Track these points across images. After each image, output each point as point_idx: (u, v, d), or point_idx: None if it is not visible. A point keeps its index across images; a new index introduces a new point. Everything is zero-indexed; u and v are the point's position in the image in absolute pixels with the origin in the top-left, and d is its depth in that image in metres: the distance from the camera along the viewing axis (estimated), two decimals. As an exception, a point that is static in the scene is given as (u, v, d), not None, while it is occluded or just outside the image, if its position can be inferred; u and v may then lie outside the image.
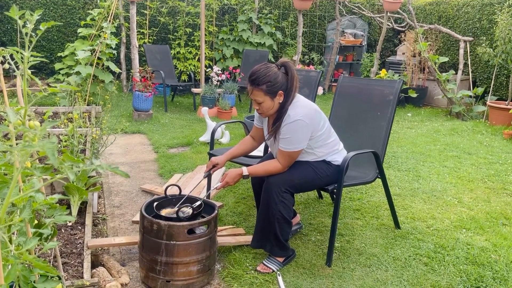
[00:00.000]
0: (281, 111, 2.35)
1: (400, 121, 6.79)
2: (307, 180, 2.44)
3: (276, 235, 2.38)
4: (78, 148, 3.11)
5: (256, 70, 2.32)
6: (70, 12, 8.26)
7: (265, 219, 2.39)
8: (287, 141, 2.33)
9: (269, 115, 2.41)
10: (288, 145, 2.33)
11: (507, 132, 5.72)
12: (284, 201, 2.34)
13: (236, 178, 2.40)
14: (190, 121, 6.25)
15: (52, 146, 0.84)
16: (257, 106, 2.37)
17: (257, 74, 2.30)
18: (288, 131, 2.31)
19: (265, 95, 2.30)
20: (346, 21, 9.80)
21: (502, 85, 7.45)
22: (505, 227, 3.03)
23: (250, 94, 2.35)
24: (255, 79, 2.30)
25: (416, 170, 4.20)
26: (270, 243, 2.42)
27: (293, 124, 2.30)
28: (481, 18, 7.81)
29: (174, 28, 8.71)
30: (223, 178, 2.41)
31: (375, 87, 3.04)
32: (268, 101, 2.32)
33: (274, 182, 2.35)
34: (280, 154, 2.38)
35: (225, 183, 2.40)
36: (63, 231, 2.69)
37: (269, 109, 2.35)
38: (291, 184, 2.37)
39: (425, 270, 2.45)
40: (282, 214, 2.34)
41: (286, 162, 2.38)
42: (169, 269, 2.15)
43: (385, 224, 3.01)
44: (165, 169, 4.04)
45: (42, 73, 8.33)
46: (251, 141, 2.73)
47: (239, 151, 2.70)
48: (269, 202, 2.34)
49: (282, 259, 2.44)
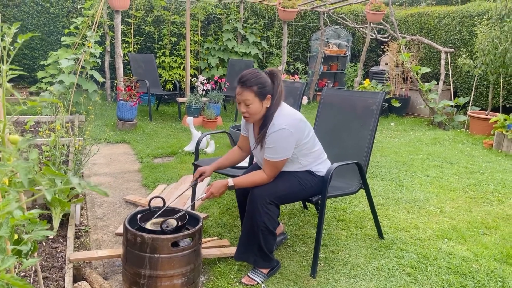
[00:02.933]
0: (267, 116, 2.38)
1: (384, 130, 6.87)
2: (292, 191, 2.45)
3: (260, 246, 2.38)
4: (60, 159, 3.06)
5: (247, 73, 2.36)
6: (53, 20, 8.19)
7: (249, 231, 2.39)
8: (272, 151, 2.34)
9: (255, 120, 2.42)
10: (273, 155, 2.34)
11: (487, 141, 5.84)
12: (269, 212, 2.34)
13: (221, 189, 2.39)
14: (175, 130, 6.22)
15: (26, 166, 0.83)
16: (245, 109, 2.37)
17: (248, 76, 2.34)
18: (273, 141, 2.33)
19: (255, 96, 2.33)
20: (330, 32, 9.92)
21: (482, 95, 7.62)
22: (485, 237, 3.08)
23: (240, 95, 2.35)
24: (246, 80, 2.33)
25: (399, 180, 4.25)
26: (254, 254, 2.41)
27: (277, 133, 2.31)
28: (461, 30, 8.00)
29: (159, 37, 8.70)
30: (208, 189, 2.40)
31: (358, 98, 3.08)
32: (257, 103, 2.34)
33: (259, 194, 2.35)
34: (266, 164, 2.38)
35: (210, 194, 2.39)
36: (44, 244, 2.64)
37: (256, 112, 2.36)
38: (276, 195, 2.37)
39: (408, 280, 2.48)
40: (267, 225, 2.34)
41: (272, 172, 2.38)
42: (153, 282, 2.13)
43: (369, 234, 3.04)
44: (149, 180, 4.01)
45: (24, 81, 8.22)
46: (238, 151, 2.73)
47: (227, 161, 2.71)
48: (253, 214, 2.34)
49: (266, 270, 2.44)
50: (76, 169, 3.20)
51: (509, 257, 2.77)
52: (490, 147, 5.74)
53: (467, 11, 7.93)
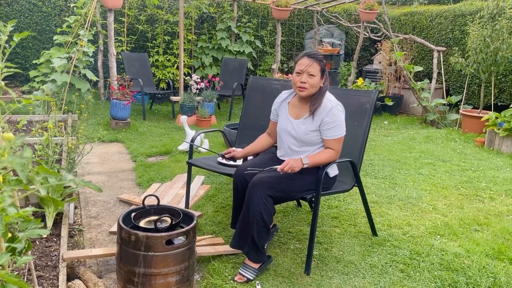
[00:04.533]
0: (321, 93, 2.55)
1: (377, 129, 6.91)
2: (294, 185, 2.49)
3: (253, 238, 2.40)
4: (53, 158, 3.05)
5: (313, 50, 2.60)
6: (45, 19, 8.14)
7: (245, 220, 2.41)
8: (337, 128, 2.51)
9: (310, 93, 2.53)
10: (337, 131, 2.52)
11: (479, 139, 5.89)
12: (267, 204, 2.38)
13: (297, 166, 2.42)
14: (169, 129, 6.22)
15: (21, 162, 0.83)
16: (306, 80, 2.48)
17: (316, 52, 2.55)
18: (334, 118, 2.49)
19: (319, 71, 2.51)
20: (323, 30, 9.95)
21: (474, 93, 7.68)
22: (477, 233, 3.11)
23: (307, 66, 2.48)
24: (315, 54, 2.52)
25: (392, 178, 4.28)
26: (247, 245, 2.43)
27: (334, 109, 2.50)
28: (454, 28, 8.06)
29: (153, 36, 8.67)
30: (285, 165, 2.40)
31: (351, 97, 3.10)
32: (318, 77, 2.51)
33: (260, 184, 2.38)
34: (332, 143, 2.53)
35: (290, 168, 2.39)
36: (38, 243, 2.64)
37: (316, 85, 2.51)
38: (277, 189, 2.41)
39: (401, 276, 2.50)
40: (263, 216, 2.37)
41: (340, 148, 2.56)
42: (147, 280, 2.13)
43: (362, 232, 3.06)
44: (143, 179, 4.01)
45: (16, 80, 8.16)
46: (267, 137, 2.87)
47: (257, 147, 2.85)
48: (251, 202, 2.38)
49: (257, 265, 2.45)
50: (69, 168, 3.19)
51: (500, 253, 2.80)
52: (482, 145, 5.79)
53: (460, 10, 7.99)
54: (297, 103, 2.64)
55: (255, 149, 2.85)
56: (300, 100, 2.62)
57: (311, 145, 2.59)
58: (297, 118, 2.61)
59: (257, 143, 2.86)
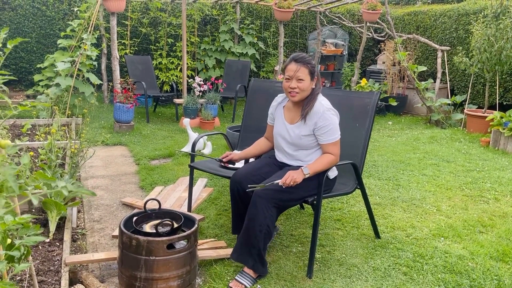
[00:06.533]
0: (313, 96, 2.53)
1: (381, 129, 6.88)
2: (294, 198, 2.48)
3: (259, 250, 2.38)
4: (56, 162, 3.06)
5: (300, 53, 2.53)
6: (49, 23, 8.18)
7: (249, 232, 2.38)
8: (331, 132, 2.49)
9: (302, 97, 2.52)
10: (332, 135, 2.50)
11: (484, 139, 5.85)
12: (273, 216, 2.38)
13: (299, 178, 2.38)
14: (172, 132, 6.23)
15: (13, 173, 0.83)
16: (296, 85, 2.46)
17: (303, 55, 2.51)
18: (327, 122, 2.47)
19: (308, 74, 2.48)
20: (327, 31, 9.93)
21: (479, 93, 7.63)
22: (481, 235, 3.08)
23: (295, 71, 2.46)
24: (302, 58, 2.49)
25: (396, 179, 4.26)
26: (253, 259, 2.39)
27: (326, 113, 2.48)
28: (458, 28, 8.01)
29: (156, 39, 8.70)
30: (286, 178, 2.36)
31: (353, 98, 3.09)
32: (308, 81, 2.49)
33: (264, 197, 2.37)
34: (329, 147, 2.52)
35: (292, 181, 2.34)
36: (41, 248, 2.64)
37: (306, 89, 2.49)
38: (281, 199, 2.40)
39: (404, 279, 2.48)
40: (269, 228, 2.37)
41: (338, 151, 2.54)
42: (149, 285, 2.13)
43: (365, 234, 3.04)
44: (146, 182, 4.01)
45: (21, 84, 8.21)
46: (265, 141, 2.86)
47: (255, 150, 2.84)
48: (257, 215, 2.35)
49: (256, 275, 2.43)
50: (72, 172, 3.20)
51: (505, 255, 2.77)
52: (487, 145, 5.75)
53: (463, 9, 7.94)
54: (291, 107, 2.64)
55: (253, 152, 2.84)
56: (294, 104, 2.61)
57: (306, 148, 2.58)
58: (291, 123, 2.61)
59: (255, 146, 2.86)
